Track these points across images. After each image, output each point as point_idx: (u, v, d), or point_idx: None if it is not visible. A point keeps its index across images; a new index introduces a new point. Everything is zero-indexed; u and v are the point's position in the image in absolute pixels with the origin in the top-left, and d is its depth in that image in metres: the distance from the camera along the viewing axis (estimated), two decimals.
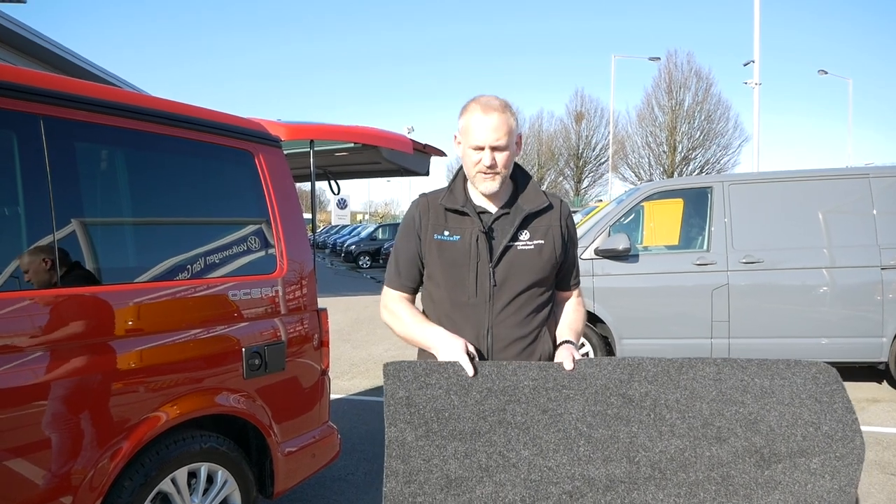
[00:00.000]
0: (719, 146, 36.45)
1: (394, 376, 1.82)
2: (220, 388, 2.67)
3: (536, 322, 2.03)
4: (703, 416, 1.78)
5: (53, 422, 2.14)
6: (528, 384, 1.81)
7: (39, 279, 2.20)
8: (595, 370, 1.84)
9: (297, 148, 3.91)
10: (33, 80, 2.26)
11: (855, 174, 6.33)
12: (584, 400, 1.80)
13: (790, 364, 1.83)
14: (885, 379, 6.48)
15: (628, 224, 6.78)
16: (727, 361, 1.84)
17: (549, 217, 2.03)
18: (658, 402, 1.79)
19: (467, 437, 1.76)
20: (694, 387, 1.81)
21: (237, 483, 2.78)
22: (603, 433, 1.77)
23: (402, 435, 1.75)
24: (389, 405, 1.78)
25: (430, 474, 1.72)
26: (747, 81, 19.01)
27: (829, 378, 1.82)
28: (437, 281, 2.04)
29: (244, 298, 2.83)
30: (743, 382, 1.81)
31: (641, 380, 1.82)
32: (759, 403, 1.79)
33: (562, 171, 45.48)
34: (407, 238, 2.09)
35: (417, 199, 2.12)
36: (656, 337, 6.24)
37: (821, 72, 34.07)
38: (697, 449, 1.76)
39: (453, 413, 1.78)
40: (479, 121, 1.92)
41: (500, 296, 1.97)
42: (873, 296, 5.93)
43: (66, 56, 13.24)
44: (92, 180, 2.53)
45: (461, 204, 2.00)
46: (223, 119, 2.94)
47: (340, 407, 5.74)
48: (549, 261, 2.00)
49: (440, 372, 1.82)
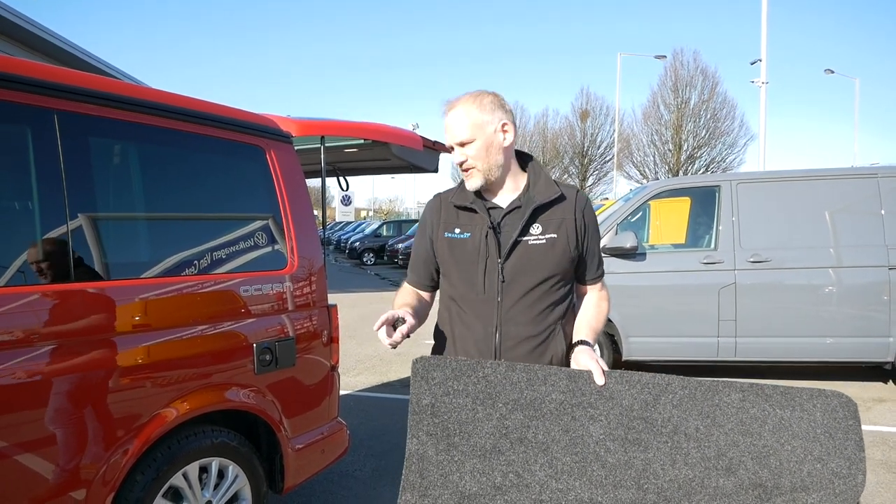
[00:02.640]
0: (725, 145, 36.30)
1: (422, 376, 1.78)
2: (231, 383, 2.68)
3: (550, 320, 1.97)
4: (719, 446, 1.76)
5: (66, 416, 2.15)
6: (556, 398, 1.78)
7: (52, 273, 2.21)
8: (623, 388, 1.80)
9: (308, 144, 3.91)
10: (47, 75, 2.26)
11: (864, 174, 6.31)
12: (608, 423, 1.77)
13: (813, 395, 1.80)
14: (890, 379, 6.47)
15: (635, 222, 6.77)
16: (753, 388, 1.80)
17: (563, 209, 1.97)
18: (678, 430, 1.76)
19: (487, 455, 1.74)
20: (716, 414, 1.78)
21: (248, 478, 2.79)
22: (619, 458, 1.75)
23: (423, 448, 1.74)
24: (414, 413, 1.76)
25: (445, 490, 1.72)
26: (754, 80, 18.93)
27: (848, 413, 1.79)
28: (450, 279, 2.03)
29: (255, 294, 2.83)
30: (764, 413, 1.78)
31: (667, 403, 1.78)
32: (774, 437, 1.76)
33: (566, 168, 45.36)
34: (420, 239, 2.10)
35: (431, 200, 2.12)
36: (663, 335, 6.24)
37: (827, 71, 33.99)
38: (706, 480, 1.73)
39: (476, 427, 1.75)
40: (445, 122, 1.94)
41: (510, 292, 1.92)
42: (880, 296, 5.91)
43: (71, 50, 13.26)
44: (105, 175, 2.53)
45: (470, 200, 1.98)
46: (235, 115, 2.94)
47: (347, 403, 5.75)
48: (562, 255, 1.94)
49: (469, 375, 1.78)
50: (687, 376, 1.83)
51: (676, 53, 36.67)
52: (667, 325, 6.22)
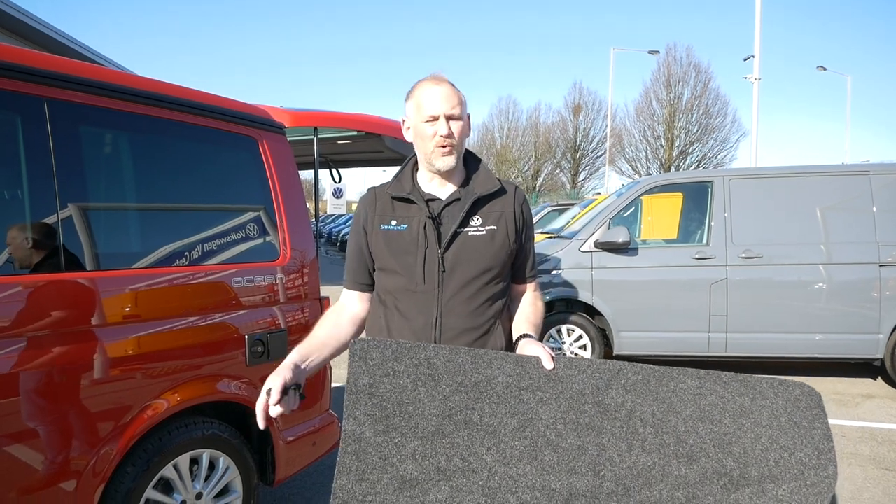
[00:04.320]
0: (717, 141, 36.50)
1: (360, 357, 1.69)
2: (222, 375, 2.67)
3: (489, 314, 1.94)
4: (678, 432, 1.70)
5: (55, 408, 2.13)
6: (503, 380, 1.71)
7: (41, 263, 2.18)
8: (573, 372, 1.73)
9: (301, 135, 3.89)
10: (38, 62, 2.23)
11: (855, 171, 6.34)
12: (558, 406, 1.70)
13: (773, 383, 1.75)
14: (880, 375, 6.52)
15: (627, 217, 6.78)
16: (710, 375, 1.75)
17: (503, 202, 1.95)
18: (633, 415, 1.71)
19: (429, 437, 1.66)
20: (672, 400, 1.72)
21: (238, 470, 2.77)
22: (572, 443, 1.68)
23: (360, 429, 1.66)
24: (350, 393, 1.67)
25: (385, 473, 1.64)
26: (747, 76, 18.99)
27: (812, 402, 1.74)
28: (386, 272, 1.97)
29: (247, 286, 2.82)
30: (723, 399, 1.73)
31: (620, 388, 1.72)
32: (736, 424, 1.71)
33: (559, 163, 45.47)
34: (354, 233, 2.02)
35: (365, 193, 2.06)
36: (654, 330, 6.26)
37: (819, 68, 34.09)
38: (666, 467, 1.67)
39: (418, 408, 1.68)
40: (431, 92, 1.87)
41: (450, 283, 1.88)
42: (871, 292, 5.95)
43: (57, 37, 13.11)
44: (96, 164, 2.51)
45: (408, 191, 1.93)
46: (228, 105, 2.91)
47: (338, 395, 5.73)
48: (502, 248, 1.92)
49: (411, 356, 1.71)
50: (643, 363, 1.79)
51: (669, 49, 36.79)
52: (658, 321, 6.24)
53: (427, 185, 1.97)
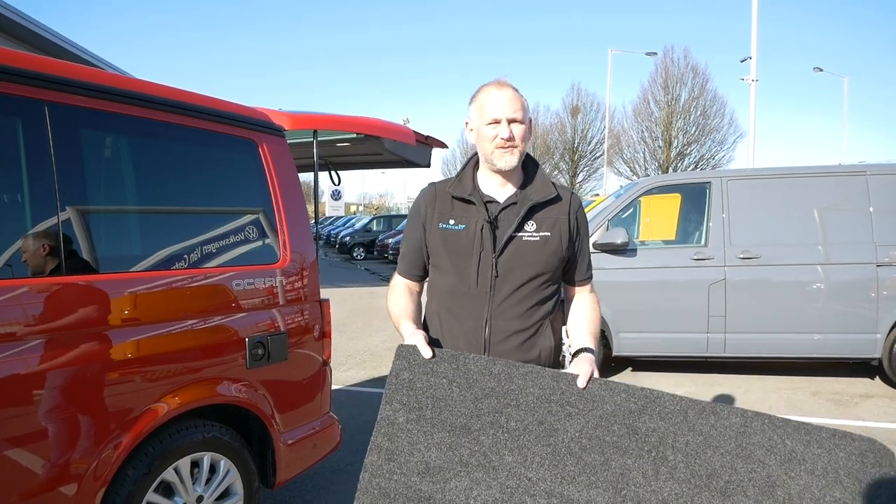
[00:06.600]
0: (714, 142, 36.42)
1: (404, 357, 1.83)
2: (222, 377, 2.67)
3: (538, 315, 1.99)
4: (713, 466, 1.66)
5: (57, 411, 2.13)
6: (535, 392, 1.76)
7: (42, 266, 2.18)
8: (608, 394, 1.75)
9: (300, 138, 3.89)
10: (38, 66, 2.24)
11: (853, 171, 6.36)
12: (586, 422, 1.73)
13: (835, 434, 1.68)
14: (878, 375, 6.52)
15: (626, 219, 6.79)
16: (758, 416, 1.71)
17: (558, 209, 2.01)
18: (664, 441, 1.69)
19: (456, 431, 1.75)
20: (712, 434, 1.69)
21: (239, 473, 2.78)
22: (595, 458, 1.70)
23: (394, 415, 1.77)
24: (391, 384, 1.80)
25: (412, 457, 1.74)
26: (744, 77, 19.02)
27: (880, 458, 1.65)
28: (440, 270, 2.03)
29: (247, 288, 2.82)
30: (771, 441, 1.68)
31: (654, 414, 1.72)
32: (783, 468, 1.65)
33: (557, 164, 45.41)
34: (413, 227, 2.09)
35: (426, 188, 2.11)
36: (653, 331, 6.27)
37: (816, 69, 34.11)
38: (696, 497, 1.64)
39: (449, 404, 1.77)
40: (494, 96, 1.94)
41: (502, 287, 1.94)
42: (868, 292, 5.96)
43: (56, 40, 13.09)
44: (96, 168, 2.51)
45: (468, 192, 1.99)
46: (228, 108, 2.92)
47: (338, 398, 5.73)
48: (554, 254, 1.97)
49: (450, 362, 1.81)
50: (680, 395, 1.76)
51: (667, 50, 36.73)
52: (657, 321, 6.25)
53: (486, 186, 2.02)
